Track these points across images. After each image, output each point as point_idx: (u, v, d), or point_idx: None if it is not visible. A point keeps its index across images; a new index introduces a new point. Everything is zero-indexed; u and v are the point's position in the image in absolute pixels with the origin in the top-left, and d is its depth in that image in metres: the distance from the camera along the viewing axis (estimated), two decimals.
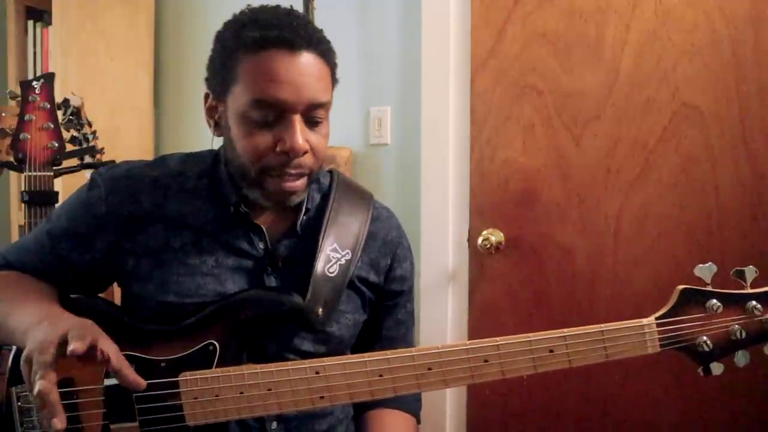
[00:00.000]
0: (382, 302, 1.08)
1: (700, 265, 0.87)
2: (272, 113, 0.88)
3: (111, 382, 0.88)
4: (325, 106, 0.91)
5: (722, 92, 1.48)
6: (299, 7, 1.80)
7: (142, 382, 0.81)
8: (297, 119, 0.88)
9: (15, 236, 2.15)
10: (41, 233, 0.99)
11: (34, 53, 2.14)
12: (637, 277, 1.57)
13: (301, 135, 0.88)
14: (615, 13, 1.58)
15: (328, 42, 0.93)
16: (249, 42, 0.87)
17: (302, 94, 0.87)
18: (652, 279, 1.55)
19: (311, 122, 0.91)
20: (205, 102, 0.98)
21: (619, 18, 1.58)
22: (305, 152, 0.89)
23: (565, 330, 0.87)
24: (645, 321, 0.87)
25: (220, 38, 0.93)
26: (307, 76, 0.88)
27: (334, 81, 0.94)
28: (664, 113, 1.54)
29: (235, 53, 0.89)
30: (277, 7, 0.93)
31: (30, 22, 2.14)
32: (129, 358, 0.86)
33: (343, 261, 0.98)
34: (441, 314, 1.80)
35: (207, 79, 0.97)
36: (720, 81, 1.48)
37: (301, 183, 0.92)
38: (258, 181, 0.91)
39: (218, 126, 0.97)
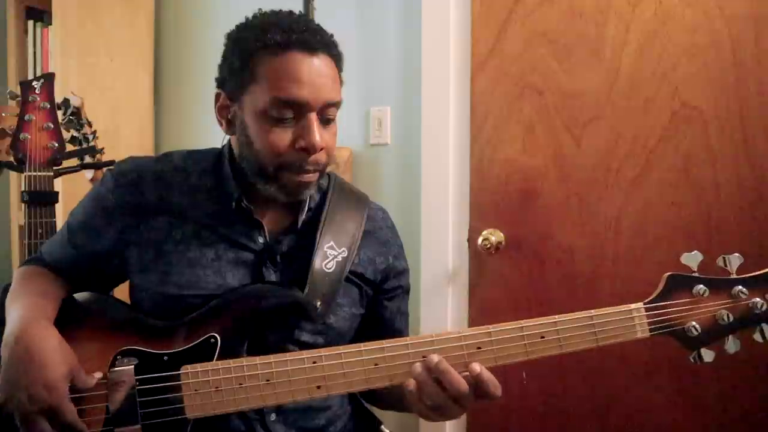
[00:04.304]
0: (382, 296, 1.12)
1: (686, 253, 0.90)
2: (291, 112, 0.92)
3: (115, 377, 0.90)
4: (337, 105, 0.96)
5: (722, 92, 1.48)
6: (299, 7, 1.81)
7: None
8: (314, 117, 0.93)
9: (15, 236, 2.15)
10: (64, 226, 1.07)
11: (34, 53, 2.14)
12: (638, 276, 1.57)
13: (318, 133, 0.92)
14: (615, 13, 1.58)
15: (338, 46, 0.98)
16: (271, 44, 0.91)
17: (320, 94, 0.92)
18: (652, 279, 1.54)
19: (324, 120, 0.95)
20: (216, 101, 1.01)
21: (619, 18, 1.58)
22: (321, 149, 0.94)
23: (556, 316, 0.89)
24: (633, 306, 0.90)
25: (237, 40, 0.96)
26: (325, 77, 0.93)
27: (341, 83, 0.99)
28: (664, 113, 1.54)
29: (256, 54, 0.92)
30: (291, 12, 0.98)
31: (30, 22, 2.14)
32: (133, 352, 0.92)
33: (339, 258, 1.02)
34: (441, 314, 1.80)
35: (219, 79, 1.00)
36: (720, 81, 1.48)
37: (314, 177, 0.97)
38: (275, 177, 0.95)
39: (231, 124, 0.99)
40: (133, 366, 0.91)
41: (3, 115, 1.53)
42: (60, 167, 1.42)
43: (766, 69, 1.45)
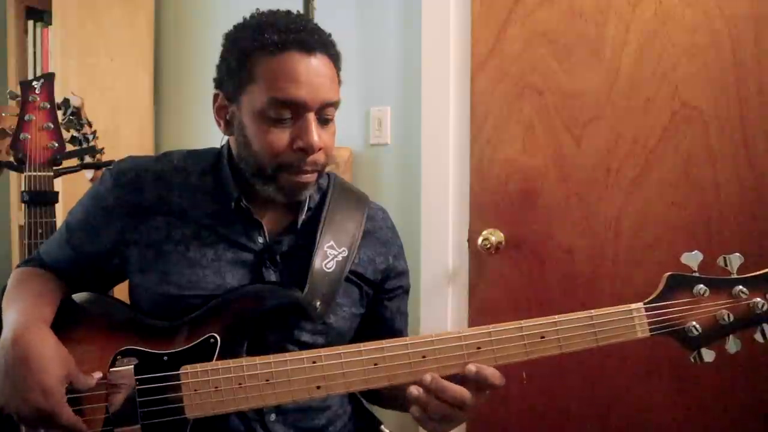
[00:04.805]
0: (383, 297, 1.12)
1: (686, 253, 0.90)
2: (289, 112, 0.92)
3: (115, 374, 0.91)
4: (335, 105, 0.96)
5: (722, 92, 1.48)
6: (299, 7, 1.81)
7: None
8: (312, 118, 0.92)
9: (15, 236, 2.15)
10: (63, 225, 1.07)
11: (34, 53, 2.14)
12: (638, 276, 1.57)
13: (316, 133, 0.92)
14: (615, 13, 1.58)
15: (336, 45, 0.98)
16: (268, 44, 0.91)
17: (318, 94, 0.92)
18: (652, 279, 1.54)
19: (322, 120, 0.95)
20: (214, 102, 1.00)
21: (619, 18, 1.58)
22: (320, 149, 0.93)
23: (556, 316, 0.89)
24: (634, 306, 0.89)
25: (235, 40, 0.96)
26: (322, 77, 0.93)
27: (339, 82, 0.98)
28: (664, 113, 1.54)
29: (253, 54, 0.92)
30: (289, 11, 0.97)
31: (30, 22, 2.14)
32: (132, 352, 0.92)
33: (339, 258, 1.01)
34: (441, 314, 1.80)
35: (217, 80, 1.00)
36: (720, 81, 1.48)
37: (312, 177, 0.96)
38: (273, 177, 0.95)
39: (229, 125, 0.99)
40: (132, 366, 0.91)
41: (3, 115, 1.53)
42: (60, 167, 1.42)
43: (766, 69, 1.45)
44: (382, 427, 1.17)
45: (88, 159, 1.59)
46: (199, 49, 2.23)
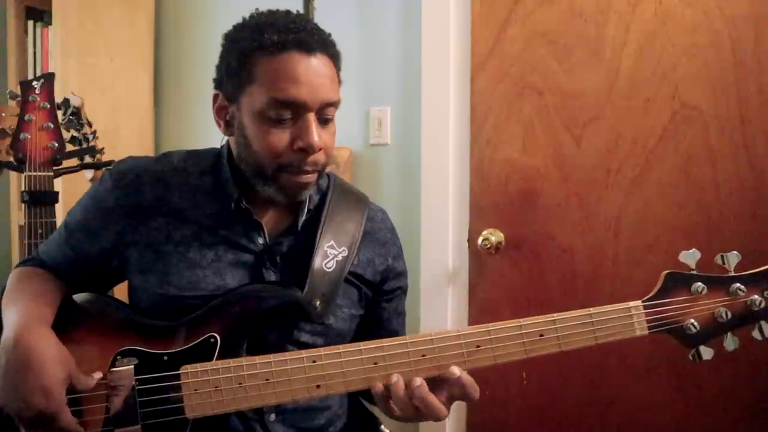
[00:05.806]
0: (381, 298, 1.12)
1: (684, 251, 0.90)
2: (289, 112, 0.92)
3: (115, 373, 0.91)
4: (335, 104, 0.96)
5: (722, 92, 1.48)
6: (299, 7, 1.81)
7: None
8: (312, 118, 0.92)
9: (15, 236, 2.15)
10: (62, 226, 1.06)
11: (34, 53, 2.14)
12: (638, 276, 1.57)
13: (316, 133, 0.92)
14: (615, 13, 1.58)
15: (336, 45, 0.97)
16: (268, 44, 0.91)
17: (318, 94, 0.92)
18: (652, 278, 1.54)
19: (323, 120, 0.95)
20: (214, 102, 1.00)
21: (619, 18, 1.58)
22: (320, 149, 0.93)
23: (555, 314, 0.89)
24: (632, 304, 0.90)
25: (234, 40, 0.95)
26: (322, 77, 0.92)
27: (339, 82, 0.98)
28: (664, 113, 1.54)
29: (253, 55, 0.92)
30: (289, 11, 0.97)
31: (30, 22, 2.14)
32: (132, 352, 0.92)
33: (339, 257, 1.01)
34: (441, 314, 1.80)
35: (216, 80, 0.99)
36: (720, 81, 1.48)
37: (313, 177, 0.96)
38: (274, 178, 0.95)
39: (229, 125, 0.99)
40: (132, 366, 0.91)
41: (3, 115, 1.53)
42: (60, 167, 1.42)
43: (766, 69, 1.45)
44: (382, 427, 1.17)
45: (88, 159, 1.59)
46: (199, 49, 2.23)
